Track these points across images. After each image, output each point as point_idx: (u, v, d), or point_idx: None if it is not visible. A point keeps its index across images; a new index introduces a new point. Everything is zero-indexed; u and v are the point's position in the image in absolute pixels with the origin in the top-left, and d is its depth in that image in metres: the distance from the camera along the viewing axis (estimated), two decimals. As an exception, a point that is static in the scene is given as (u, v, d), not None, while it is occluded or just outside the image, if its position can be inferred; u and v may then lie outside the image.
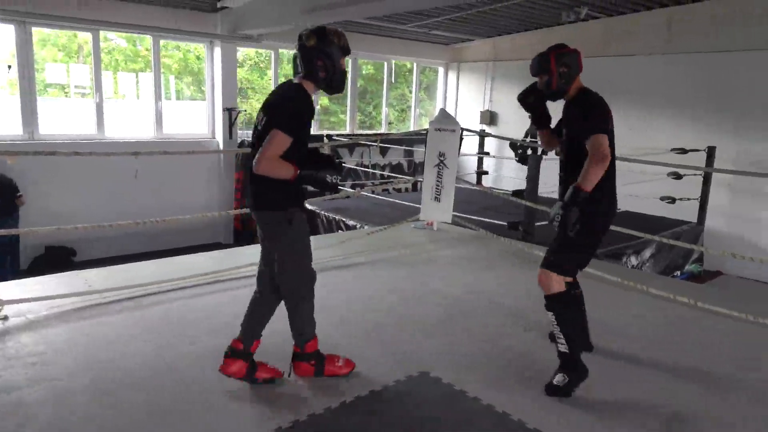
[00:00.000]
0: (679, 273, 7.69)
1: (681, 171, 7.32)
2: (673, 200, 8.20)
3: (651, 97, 9.56)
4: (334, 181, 2.64)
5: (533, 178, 6.17)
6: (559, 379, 2.79)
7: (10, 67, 7.94)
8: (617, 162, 2.96)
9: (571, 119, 2.92)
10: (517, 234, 6.14)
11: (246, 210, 7.98)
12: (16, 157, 3.56)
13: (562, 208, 2.70)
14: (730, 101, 8.59)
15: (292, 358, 2.82)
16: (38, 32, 8.18)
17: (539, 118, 3.13)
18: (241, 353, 2.74)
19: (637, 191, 8.02)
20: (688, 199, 8.09)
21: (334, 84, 2.65)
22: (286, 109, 2.54)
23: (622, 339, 3.48)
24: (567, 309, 2.85)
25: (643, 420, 2.62)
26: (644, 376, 3.04)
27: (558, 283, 2.86)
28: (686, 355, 3.32)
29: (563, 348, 2.80)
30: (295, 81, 2.64)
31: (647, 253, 7.05)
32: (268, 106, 2.61)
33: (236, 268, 4.46)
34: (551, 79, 2.93)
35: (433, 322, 3.67)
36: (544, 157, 6.88)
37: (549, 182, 7.12)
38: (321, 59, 2.57)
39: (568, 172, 2.92)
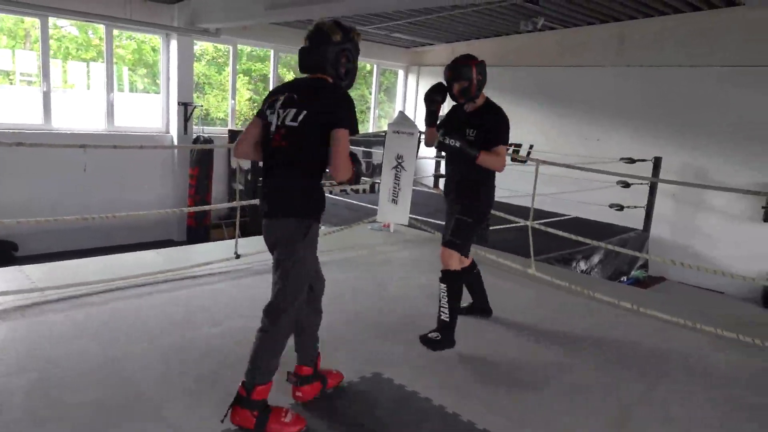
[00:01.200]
0: (625, 278, 7.99)
1: (629, 180, 7.61)
2: (621, 208, 8.52)
3: (602, 107, 9.90)
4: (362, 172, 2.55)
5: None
6: (433, 335, 3.26)
7: (-51, 50, 7.53)
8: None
9: (486, 125, 3.30)
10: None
11: (202, 207, 7.72)
12: (-46, 145, 3.38)
13: (462, 145, 3.19)
14: (676, 114, 8.98)
15: (234, 400, 2.37)
16: (-18, 15, 7.79)
17: (433, 115, 3.44)
18: (309, 377, 2.64)
19: (587, 198, 8.31)
20: (635, 207, 8.41)
21: (351, 84, 2.53)
22: (347, 105, 2.36)
23: (567, 340, 3.59)
24: (458, 285, 3.30)
25: (588, 417, 2.71)
26: (588, 374, 3.14)
27: (457, 261, 3.31)
28: (624, 353, 3.45)
29: (445, 317, 3.26)
30: (315, 76, 2.45)
31: (596, 259, 7.29)
32: (310, 97, 2.36)
33: (189, 267, 4.38)
34: (470, 87, 3.27)
35: (388, 323, 3.69)
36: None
37: (504, 187, 7.31)
38: (346, 56, 2.43)
39: (457, 168, 3.45)
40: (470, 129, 3.30)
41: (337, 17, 3.04)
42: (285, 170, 2.38)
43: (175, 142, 9.39)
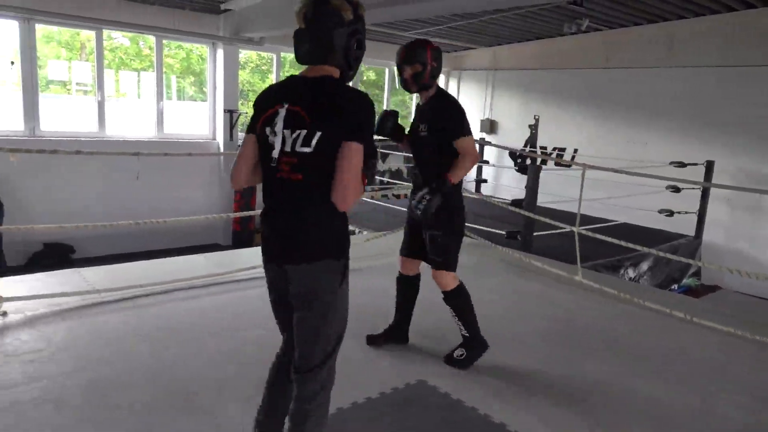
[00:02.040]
0: (676, 286, 7.72)
1: (679, 185, 7.36)
2: (671, 213, 8.23)
3: (650, 109, 9.61)
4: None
5: (532, 188, 6.20)
6: (458, 353, 3.15)
7: (13, 63, 7.94)
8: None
9: (440, 117, 2.98)
10: (515, 243, 6.15)
11: (249, 213, 7.83)
12: (18, 154, 3.56)
13: (429, 193, 2.85)
14: (729, 116, 8.64)
15: None
16: (42, 29, 8.18)
17: (397, 134, 3.11)
18: None
19: (636, 204, 8.08)
20: (686, 212, 8.12)
21: (354, 75, 2.00)
22: (366, 115, 1.84)
23: (616, 349, 3.49)
24: (463, 299, 3.16)
25: (634, 428, 2.64)
26: (639, 385, 3.05)
27: (453, 279, 3.15)
28: (675, 366, 3.33)
29: (465, 332, 3.15)
30: (318, 72, 1.88)
31: (644, 266, 7.07)
32: (322, 111, 1.80)
33: (236, 271, 4.46)
34: (424, 71, 2.97)
35: (431, 330, 3.68)
36: (543, 167, 6.92)
37: (548, 192, 7.18)
38: (357, 40, 1.90)
39: (424, 166, 3.09)
40: (422, 124, 3.02)
41: (373, 23, 2.79)
42: (302, 205, 1.83)
43: (221, 149, 9.62)
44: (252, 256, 5.19)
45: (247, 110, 10.24)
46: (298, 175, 1.80)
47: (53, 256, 7.98)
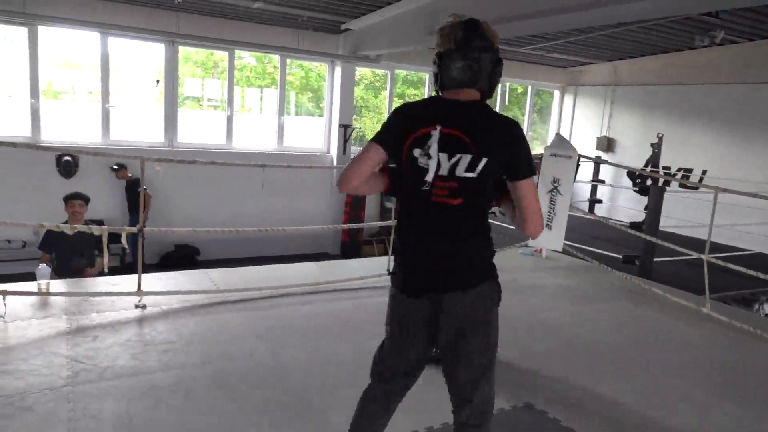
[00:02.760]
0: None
1: (829, 213, 6.58)
2: (817, 244, 7.37)
3: (795, 129, 8.69)
4: None
5: (654, 210, 5.84)
6: None
7: (158, 81, 8.86)
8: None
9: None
10: (633, 268, 5.82)
11: (359, 225, 8.05)
12: (162, 164, 3.97)
13: None
14: None
15: None
16: (182, 50, 9.06)
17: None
18: None
19: (774, 232, 7.32)
20: (837, 244, 7.23)
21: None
22: (526, 144, 1.82)
23: (748, 392, 3.18)
24: None
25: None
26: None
27: None
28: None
29: None
30: (468, 95, 1.84)
31: (784, 301, 6.37)
32: (486, 137, 1.76)
33: (346, 280, 4.63)
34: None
35: (539, 352, 3.58)
36: (667, 188, 6.49)
37: (669, 216, 6.70)
38: (500, 66, 1.88)
39: None
40: None
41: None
42: (462, 229, 1.81)
43: (335, 162, 10.03)
44: (361, 267, 5.36)
45: (359, 125, 10.59)
46: (458, 199, 1.77)
47: (182, 256, 8.74)
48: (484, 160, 1.74)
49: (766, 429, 2.83)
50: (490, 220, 1.95)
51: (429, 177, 1.77)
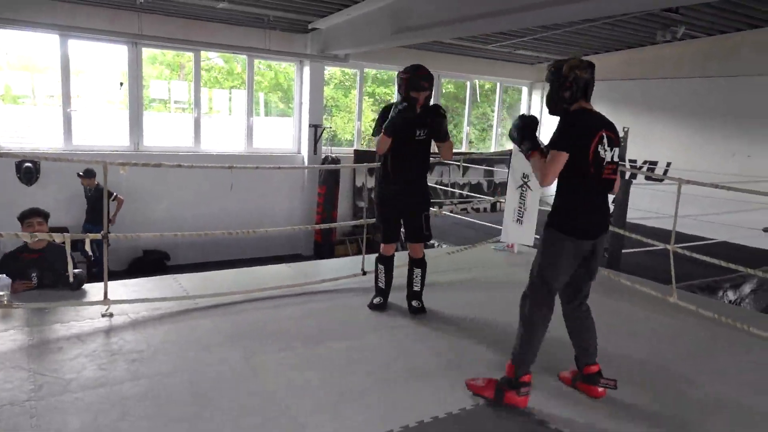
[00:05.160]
0: (783, 311, 7.09)
1: (788, 201, 6.79)
2: (777, 232, 7.60)
3: (754, 120, 8.94)
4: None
5: (621, 203, 5.94)
6: (418, 304, 4.05)
7: (122, 84, 8.66)
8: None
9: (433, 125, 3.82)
10: (602, 260, 5.91)
11: (331, 225, 8.08)
12: (126, 167, 3.87)
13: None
14: None
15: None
16: (147, 51, 8.87)
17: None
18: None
19: (736, 221, 7.52)
20: (796, 231, 7.47)
21: None
22: None
23: (717, 378, 3.26)
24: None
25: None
26: (742, 418, 2.82)
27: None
28: (793, 402, 3.06)
29: (419, 288, 4.05)
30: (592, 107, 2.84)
31: (747, 288, 6.56)
32: (618, 137, 2.85)
33: (319, 281, 4.59)
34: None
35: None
36: (633, 181, 6.61)
37: (637, 208, 6.85)
38: None
39: (419, 163, 3.97)
40: (420, 130, 3.76)
41: (456, 37, 3.32)
42: (607, 195, 2.88)
43: (306, 162, 9.96)
44: (334, 268, 5.33)
45: (330, 125, 10.52)
46: (614, 175, 2.83)
47: (151, 262, 8.57)
48: (616, 150, 2.81)
49: (740, 410, 2.90)
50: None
51: (604, 162, 2.74)
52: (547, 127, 3.25)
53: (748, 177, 7.62)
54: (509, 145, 7.26)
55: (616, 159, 2.79)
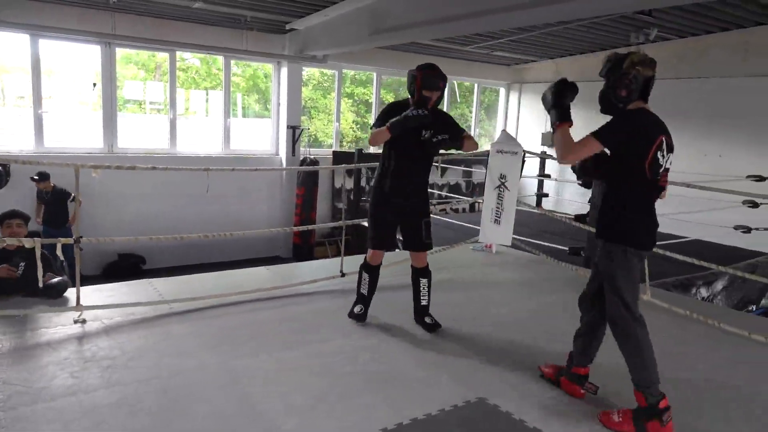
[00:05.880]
0: (754, 308, 7.25)
1: (758, 199, 6.94)
2: (748, 230, 7.77)
3: (725, 121, 9.15)
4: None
5: (596, 203, 6.01)
6: (431, 320, 3.81)
7: (95, 85, 8.50)
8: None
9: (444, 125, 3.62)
10: (578, 260, 5.98)
11: (310, 226, 8.05)
12: (99, 170, 3.79)
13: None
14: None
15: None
16: (120, 51, 8.73)
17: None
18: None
19: (709, 219, 7.67)
20: (766, 228, 7.64)
21: None
22: None
23: (689, 375, 3.32)
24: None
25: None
26: (713, 415, 2.88)
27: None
28: (758, 397, 3.12)
29: (427, 303, 3.82)
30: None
31: (719, 286, 6.70)
32: (672, 145, 2.65)
33: (298, 284, 4.56)
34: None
35: (494, 347, 3.62)
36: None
37: (613, 207, 6.93)
38: None
39: (420, 169, 3.76)
40: (427, 131, 3.51)
41: (434, 39, 3.13)
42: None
43: (284, 164, 9.90)
44: (313, 270, 5.30)
45: (309, 126, 10.48)
46: (665, 183, 2.64)
47: (126, 266, 8.43)
48: (671, 156, 2.62)
49: (711, 405, 2.95)
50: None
51: (662, 169, 2.59)
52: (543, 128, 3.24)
53: (719, 176, 7.77)
54: (486, 146, 7.30)
55: (668, 165, 2.62)
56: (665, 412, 2.56)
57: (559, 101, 2.70)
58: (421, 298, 3.79)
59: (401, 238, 3.84)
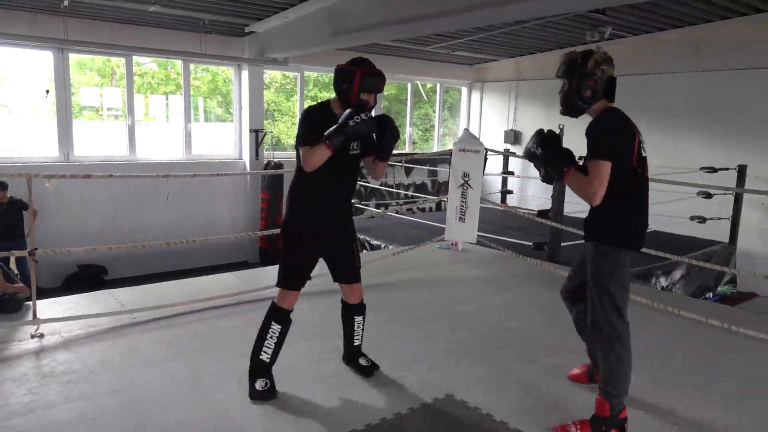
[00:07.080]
0: (711, 295, 7.52)
1: (711, 190, 7.20)
2: (703, 220, 8.05)
3: (678, 115, 9.45)
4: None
5: (558, 198, 6.14)
6: (366, 361, 3.20)
7: (48, 92, 8.24)
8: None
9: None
10: (542, 254, 6.09)
11: (276, 231, 8.01)
12: (53, 180, 3.68)
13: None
14: (763, 120, 8.44)
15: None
16: (75, 57, 8.48)
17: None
18: None
19: (665, 211, 7.91)
20: (720, 218, 7.93)
21: None
22: None
23: (651, 360, 3.42)
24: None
25: (676, 448, 2.56)
26: (677, 397, 2.97)
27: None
28: (717, 379, 3.24)
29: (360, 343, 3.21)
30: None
31: (677, 275, 6.91)
32: None
33: (265, 288, 4.51)
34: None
35: (461, 344, 3.66)
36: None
37: (575, 201, 7.08)
38: None
39: (349, 183, 3.03)
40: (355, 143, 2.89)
41: (395, 39, 2.80)
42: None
43: (248, 168, 9.78)
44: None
45: (273, 129, 10.38)
46: (648, 174, 2.58)
47: (87, 277, 8.19)
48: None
49: (674, 388, 3.04)
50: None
51: (646, 162, 2.56)
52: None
53: (674, 168, 8.03)
54: (450, 145, 7.36)
55: (645, 155, 2.55)
56: (625, 422, 2.54)
57: (550, 153, 2.56)
58: (355, 338, 3.20)
59: (330, 269, 3.11)
